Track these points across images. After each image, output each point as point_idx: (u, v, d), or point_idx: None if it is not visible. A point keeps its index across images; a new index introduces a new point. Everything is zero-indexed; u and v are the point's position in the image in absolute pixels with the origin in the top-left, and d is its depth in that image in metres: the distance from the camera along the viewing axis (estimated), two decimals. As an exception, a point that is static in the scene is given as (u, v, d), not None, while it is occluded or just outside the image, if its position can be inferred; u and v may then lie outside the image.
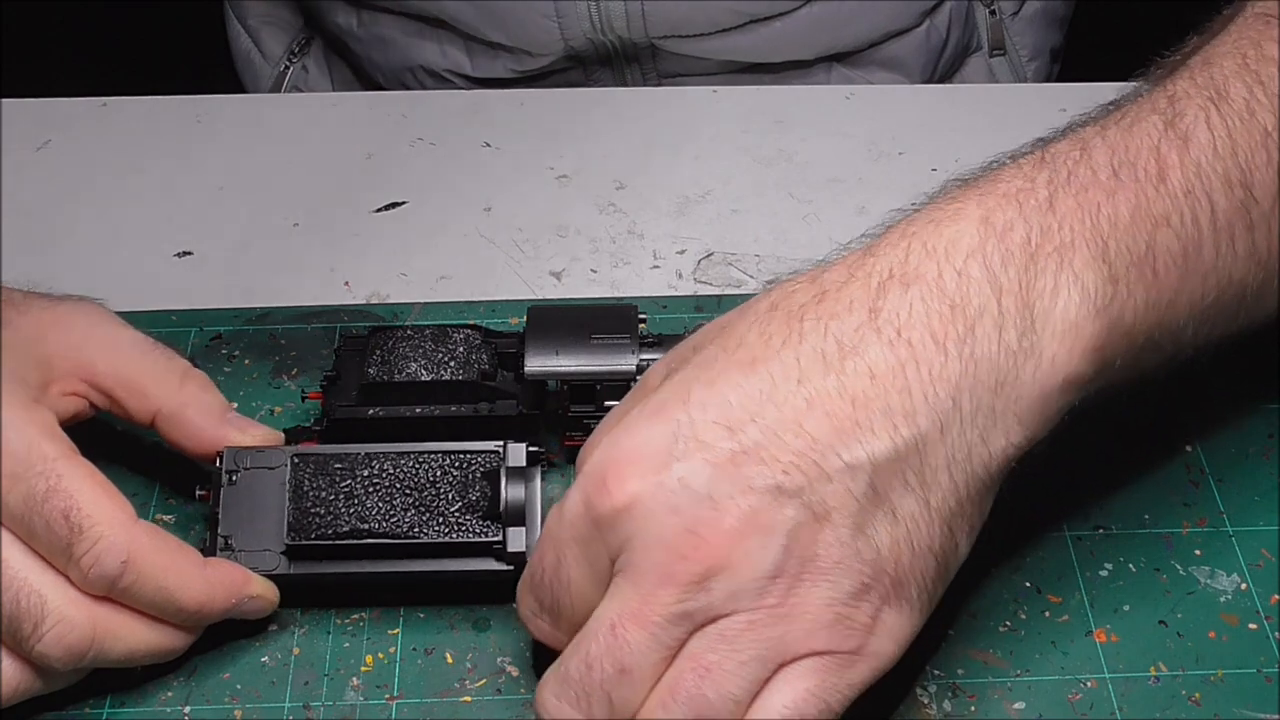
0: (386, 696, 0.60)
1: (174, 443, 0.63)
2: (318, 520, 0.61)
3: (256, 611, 0.61)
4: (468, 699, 0.60)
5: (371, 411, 0.65)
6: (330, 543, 0.61)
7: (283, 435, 0.65)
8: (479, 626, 0.63)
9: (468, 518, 0.61)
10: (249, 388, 0.71)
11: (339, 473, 0.62)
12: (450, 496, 0.61)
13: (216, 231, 0.81)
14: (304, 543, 0.61)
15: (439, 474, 0.62)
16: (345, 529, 0.61)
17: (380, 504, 0.61)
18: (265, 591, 0.61)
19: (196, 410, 0.63)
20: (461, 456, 0.62)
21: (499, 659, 0.62)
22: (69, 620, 0.56)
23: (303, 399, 0.69)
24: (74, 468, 0.57)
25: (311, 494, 0.62)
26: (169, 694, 0.60)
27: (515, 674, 0.61)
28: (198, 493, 0.64)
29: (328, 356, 0.72)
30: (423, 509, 0.61)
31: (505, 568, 0.61)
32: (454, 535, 0.61)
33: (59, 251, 0.79)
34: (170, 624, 0.59)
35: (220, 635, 0.62)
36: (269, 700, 0.60)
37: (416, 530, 0.61)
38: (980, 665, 0.61)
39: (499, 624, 0.63)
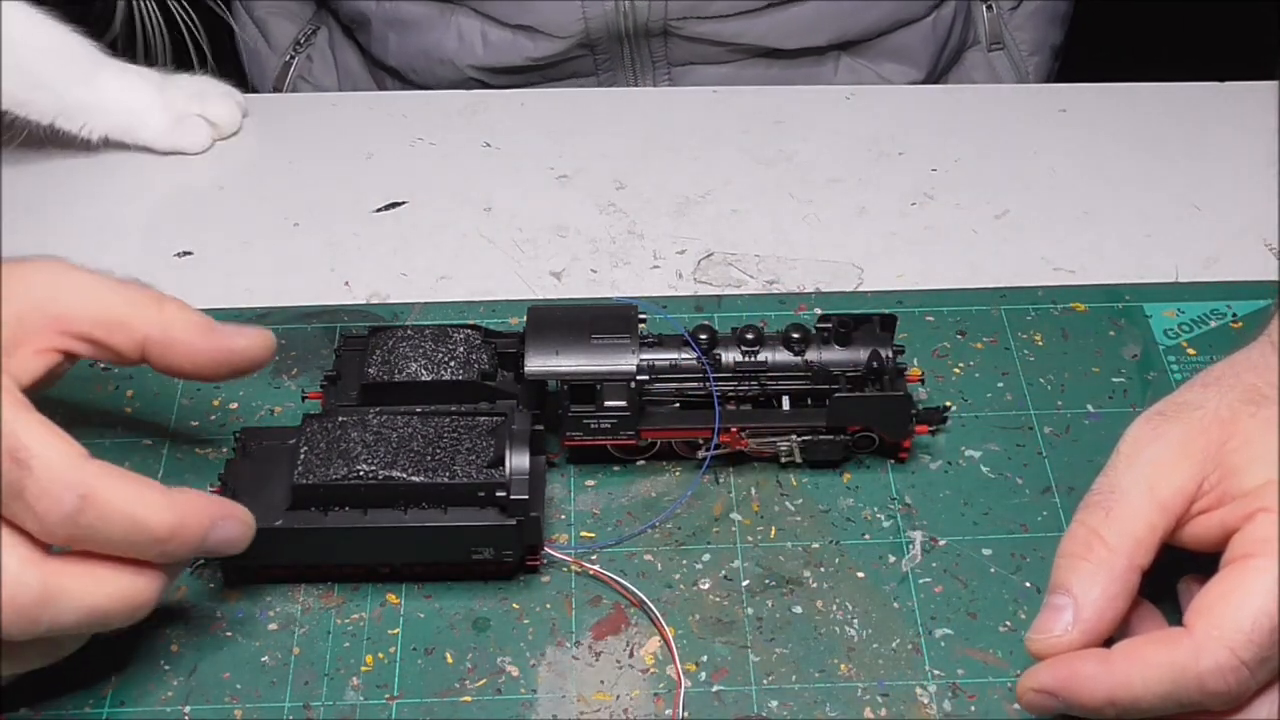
0: (386, 696, 0.60)
1: (168, 367, 0.61)
2: (326, 466, 0.61)
3: (234, 537, 0.58)
4: (468, 699, 0.60)
5: (372, 411, 0.65)
6: (336, 482, 0.61)
7: (272, 338, 0.63)
8: (479, 626, 0.63)
9: (472, 468, 0.61)
10: (249, 387, 0.71)
11: (351, 427, 0.63)
12: (457, 452, 0.62)
13: (216, 231, 0.81)
14: (312, 482, 0.61)
15: (447, 433, 0.63)
16: (352, 475, 0.61)
17: (388, 454, 0.62)
18: (238, 512, 0.58)
19: (183, 328, 0.61)
20: (469, 420, 0.63)
21: (499, 659, 0.62)
22: (17, 580, 0.53)
23: (303, 399, 0.69)
24: (21, 414, 0.55)
25: (323, 445, 0.62)
26: (169, 694, 0.60)
27: (515, 674, 0.61)
28: (210, 488, 0.64)
29: (328, 356, 0.72)
30: (429, 460, 0.62)
31: (507, 521, 0.61)
32: (458, 478, 0.61)
33: (59, 251, 0.79)
34: (133, 568, 0.56)
35: (220, 635, 0.62)
36: (269, 700, 0.60)
37: (421, 474, 0.61)
38: (980, 665, 0.61)
39: (499, 624, 0.63)
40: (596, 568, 0.64)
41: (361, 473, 0.61)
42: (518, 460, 0.62)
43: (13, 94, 0.79)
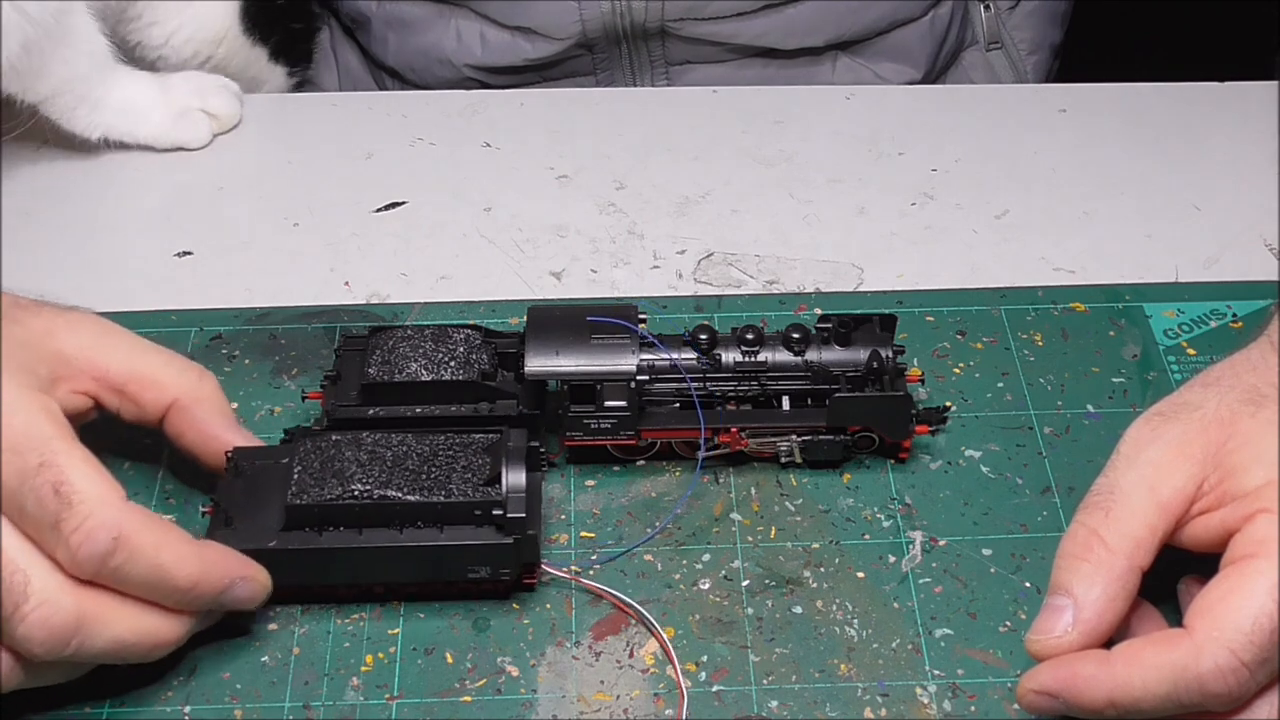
0: (386, 696, 0.60)
1: (179, 436, 0.64)
2: (320, 486, 0.61)
3: (248, 597, 0.60)
4: (468, 699, 0.60)
5: (372, 411, 0.65)
6: (331, 502, 0.61)
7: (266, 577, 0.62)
8: (479, 626, 0.63)
9: (468, 486, 0.61)
10: (249, 388, 0.71)
11: (345, 446, 0.62)
12: (452, 470, 0.62)
13: (216, 231, 0.81)
14: (306, 502, 0.61)
15: (442, 451, 0.62)
16: (347, 494, 0.61)
17: (383, 473, 0.61)
18: (257, 574, 0.60)
19: (211, 407, 0.64)
20: (464, 438, 0.63)
21: (499, 659, 0.62)
22: (54, 602, 0.55)
23: (303, 399, 0.69)
24: (69, 447, 0.57)
25: (316, 464, 0.62)
26: (169, 694, 0.60)
27: (515, 674, 0.61)
28: (202, 510, 0.64)
29: (328, 356, 0.72)
30: (425, 478, 0.61)
31: (505, 540, 0.61)
32: (454, 497, 0.61)
33: (59, 251, 0.79)
34: (161, 609, 0.58)
35: (221, 635, 0.62)
36: (269, 700, 0.60)
37: (417, 493, 0.61)
38: (980, 665, 0.61)
39: (499, 624, 0.63)
40: (595, 583, 0.64)
41: (356, 492, 0.61)
42: (514, 478, 0.61)
43: (40, 90, 0.79)
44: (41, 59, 0.77)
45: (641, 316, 0.67)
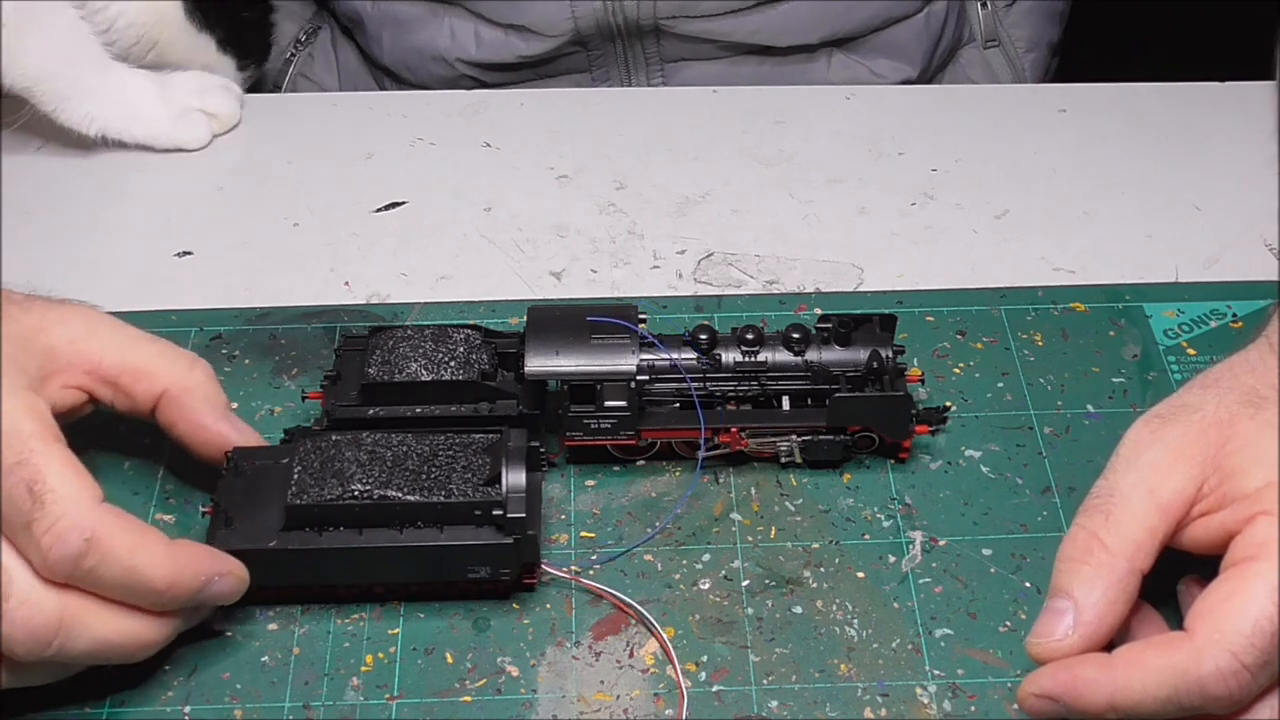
0: (386, 696, 0.60)
1: (171, 426, 0.63)
2: (320, 486, 0.61)
3: (228, 592, 0.60)
4: (468, 699, 0.60)
5: (372, 411, 0.65)
6: (331, 502, 0.61)
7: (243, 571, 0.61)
8: (479, 626, 0.63)
9: (468, 486, 0.61)
10: (249, 388, 0.71)
11: (345, 446, 0.62)
12: (452, 470, 0.62)
13: (216, 231, 0.81)
14: (306, 502, 0.60)
15: (442, 452, 0.62)
16: (347, 495, 0.61)
17: (383, 473, 0.61)
18: (234, 569, 0.60)
19: (202, 397, 0.64)
20: (464, 438, 0.63)
21: (499, 659, 0.62)
22: (35, 602, 0.55)
23: (303, 399, 0.69)
24: (48, 446, 0.56)
25: (316, 464, 0.62)
26: (169, 694, 0.60)
27: (515, 674, 0.61)
28: (202, 510, 0.64)
29: (328, 356, 0.72)
30: (425, 479, 0.61)
31: (505, 540, 0.61)
32: (454, 497, 0.61)
33: (59, 251, 0.79)
34: (139, 611, 0.57)
35: (221, 634, 0.62)
36: (269, 700, 0.60)
37: (417, 493, 0.61)
38: (980, 665, 0.61)
39: (499, 624, 0.63)
40: (595, 583, 0.64)
41: (356, 492, 0.61)
42: (514, 478, 0.61)
43: (20, 77, 0.79)
44: (19, 29, 0.77)
45: (641, 316, 0.67)
